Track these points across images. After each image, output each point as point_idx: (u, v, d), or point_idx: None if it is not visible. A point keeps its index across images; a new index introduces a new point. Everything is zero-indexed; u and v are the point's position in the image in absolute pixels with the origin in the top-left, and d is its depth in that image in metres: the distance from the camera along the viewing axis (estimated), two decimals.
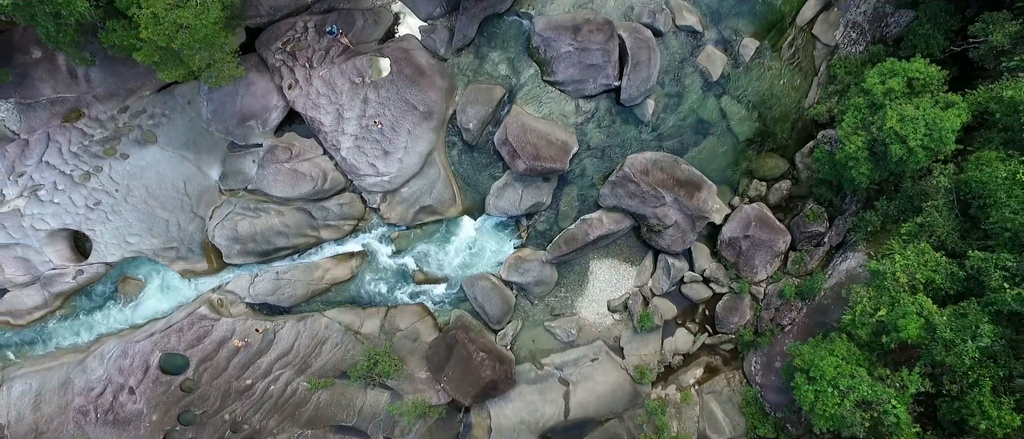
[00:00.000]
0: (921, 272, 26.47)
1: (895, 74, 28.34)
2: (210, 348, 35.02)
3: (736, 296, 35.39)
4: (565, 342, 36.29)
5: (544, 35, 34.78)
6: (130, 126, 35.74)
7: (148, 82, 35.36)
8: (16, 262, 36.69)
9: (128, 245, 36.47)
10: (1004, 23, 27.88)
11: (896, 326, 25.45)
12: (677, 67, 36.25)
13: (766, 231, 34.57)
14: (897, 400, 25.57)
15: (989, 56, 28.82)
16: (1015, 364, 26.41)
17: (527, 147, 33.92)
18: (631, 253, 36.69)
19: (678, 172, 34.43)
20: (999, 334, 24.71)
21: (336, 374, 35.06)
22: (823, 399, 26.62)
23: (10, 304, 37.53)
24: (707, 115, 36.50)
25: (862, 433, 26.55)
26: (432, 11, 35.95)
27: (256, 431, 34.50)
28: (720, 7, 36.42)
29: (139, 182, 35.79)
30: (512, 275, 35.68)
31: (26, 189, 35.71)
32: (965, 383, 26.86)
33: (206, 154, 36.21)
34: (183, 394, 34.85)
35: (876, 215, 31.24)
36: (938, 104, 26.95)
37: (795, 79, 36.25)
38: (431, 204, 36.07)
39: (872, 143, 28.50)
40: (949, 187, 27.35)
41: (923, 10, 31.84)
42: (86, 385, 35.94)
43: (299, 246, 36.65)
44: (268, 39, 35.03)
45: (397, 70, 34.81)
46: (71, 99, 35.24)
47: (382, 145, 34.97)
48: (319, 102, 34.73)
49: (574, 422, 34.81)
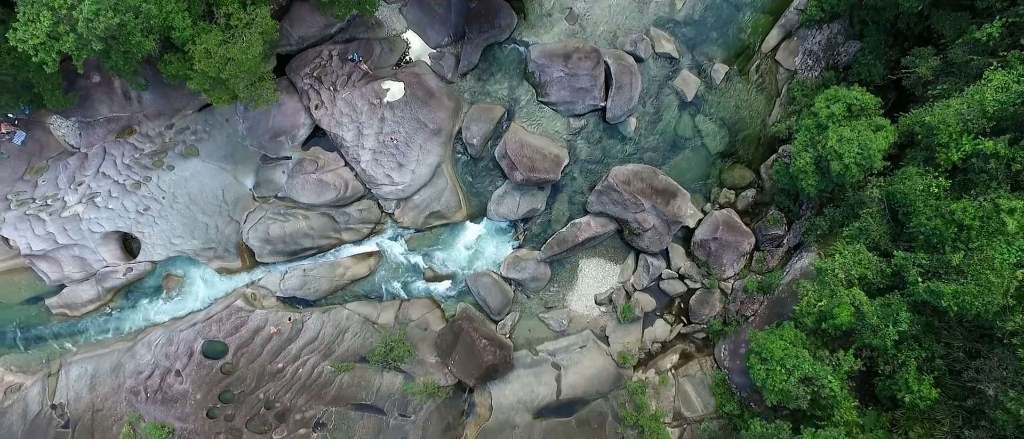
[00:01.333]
0: (856, 269, 31.31)
1: (838, 100, 33.17)
2: (246, 336, 39.97)
3: (707, 291, 40.25)
4: (557, 331, 41.16)
5: (539, 62, 39.71)
6: (175, 141, 40.68)
7: (191, 103, 40.35)
8: (74, 260, 41.61)
9: (172, 245, 41.40)
10: (928, 57, 32.75)
11: (832, 314, 30.28)
12: (656, 89, 41.14)
13: (733, 234, 39.43)
14: (833, 376, 30.44)
15: (918, 85, 33.70)
16: (936, 347, 31.28)
17: (524, 160, 38.81)
18: (615, 253, 41.57)
19: (656, 182, 39.31)
20: (915, 320, 29.47)
21: (356, 359, 39.95)
22: (772, 376, 31.45)
23: (67, 298, 42.46)
24: (683, 131, 41.36)
25: (805, 405, 31.40)
26: (440, 40, 40.87)
27: (287, 408, 39.42)
28: (695, 36, 41.28)
29: (183, 190, 40.72)
30: (511, 272, 40.58)
31: (84, 196, 40.67)
32: (896, 364, 31.77)
33: (242, 165, 41.14)
34: (223, 376, 39.79)
35: (825, 220, 36.08)
36: (871, 127, 31.81)
37: (760, 100, 41.10)
38: (439, 210, 40.98)
39: (818, 159, 33.35)
40: (880, 197, 32.16)
41: (866, 42, 36.76)
42: (136, 369, 40.90)
43: (323, 246, 41.54)
44: (297, 65, 39.98)
45: (410, 92, 39.74)
46: (125, 118, 40.23)
47: (397, 158, 39.89)
48: (342, 120, 39.66)
49: (565, 401, 39.63)
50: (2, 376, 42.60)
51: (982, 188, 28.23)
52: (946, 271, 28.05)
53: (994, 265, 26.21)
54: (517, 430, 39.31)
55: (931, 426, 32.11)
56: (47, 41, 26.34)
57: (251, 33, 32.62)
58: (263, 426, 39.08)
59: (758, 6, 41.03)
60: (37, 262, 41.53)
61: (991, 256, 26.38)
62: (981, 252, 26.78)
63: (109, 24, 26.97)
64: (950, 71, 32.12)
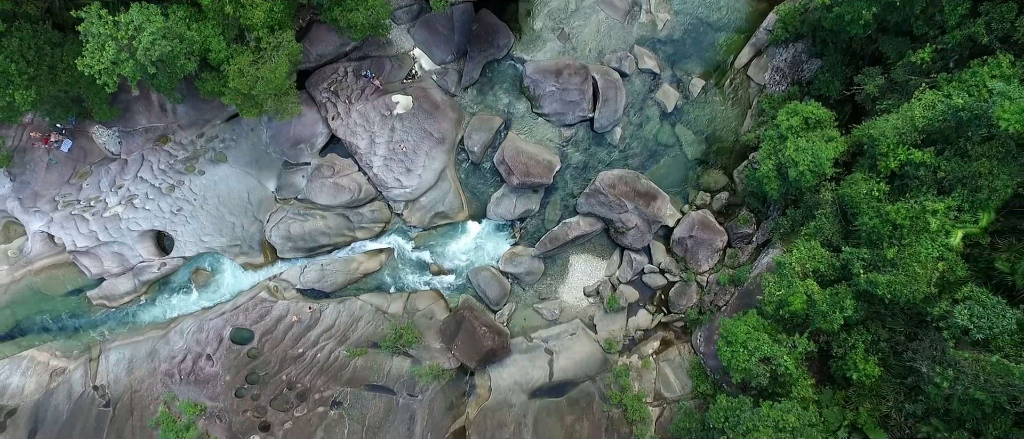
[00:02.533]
0: (810, 263, 35.61)
1: (796, 113, 37.55)
2: (270, 324, 44.38)
3: (685, 284, 44.60)
4: (550, 320, 45.53)
5: (533, 77, 44.11)
6: (206, 148, 45.12)
7: (220, 114, 44.78)
8: (113, 256, 46.05)
9: (202, 243, 45.84)
10: (875, 76, 37.12)
11: (788, 302, 34.60)
12: (640, 101, 45.52)
13: (708, 232, 43.79)
14: (788, 356, 34.79)
15: (867, 100, 38.06)
16: (881, 332, 35.61)
17: (520, 165, 43.21)
18: (602, 249, 45.95)
19: (639, 185, 43.69)
20: (859, 307, 33.75)
21: (369, 344, 44.32)
22: (736, 357, 35.76)
23: (106, 290, 46.91)
24: (663, 139, 45.74)
25: (765, 382, 35.71)
26: (444, 57, 45.26)
27: (307, 389, 43.81)
28: (674, 53, 45.66)
29: (213, 193, 45.14)
30: (508, 267, 44.96)
31: (124, 198, 45.12)
32: (846, 347, 36.10)
33: (265, 170, 45.57)
34: (249, 360, 44.19)
35: (787, 220, 40.40)
36: (824, 138, 36.17)
37: (733, 111, 45.47)
38: (444, 210, 45.37)
39: (779, 165, 37.73)
40: (832, 200, 36.44)
41: (826, 61, 41.14)
42: (170, 354, 45.31)
43: (338, 243, 45.94)
44: (316, 80, 44.40)
45: (417, 105, 44.14)
46: (161, 127, 44.68)
47: (405, 164, 44.29)
48: (356, 130, 44.07)
49: (557, 383, 43.94)
50: (48, 361, 47.02)
51: (914, 192, 32.51)
52: (883, 264, 32.36)
53: (920, 258, 30.53)
54: (514, 409, 43.65)
55: (878, 401, 36.47)
56: (111, 67, 30.75)
57: (279, 55, 37.02)
58: (286, 404, 43.47)
59: (731, 26, 45.40)
60: (80, 258, 45.97)
61: (918, 250, 30.70)
62: (910, 247, 31.10)
63: (162, 51, 31.43)
64: (894, 89, 36.47)
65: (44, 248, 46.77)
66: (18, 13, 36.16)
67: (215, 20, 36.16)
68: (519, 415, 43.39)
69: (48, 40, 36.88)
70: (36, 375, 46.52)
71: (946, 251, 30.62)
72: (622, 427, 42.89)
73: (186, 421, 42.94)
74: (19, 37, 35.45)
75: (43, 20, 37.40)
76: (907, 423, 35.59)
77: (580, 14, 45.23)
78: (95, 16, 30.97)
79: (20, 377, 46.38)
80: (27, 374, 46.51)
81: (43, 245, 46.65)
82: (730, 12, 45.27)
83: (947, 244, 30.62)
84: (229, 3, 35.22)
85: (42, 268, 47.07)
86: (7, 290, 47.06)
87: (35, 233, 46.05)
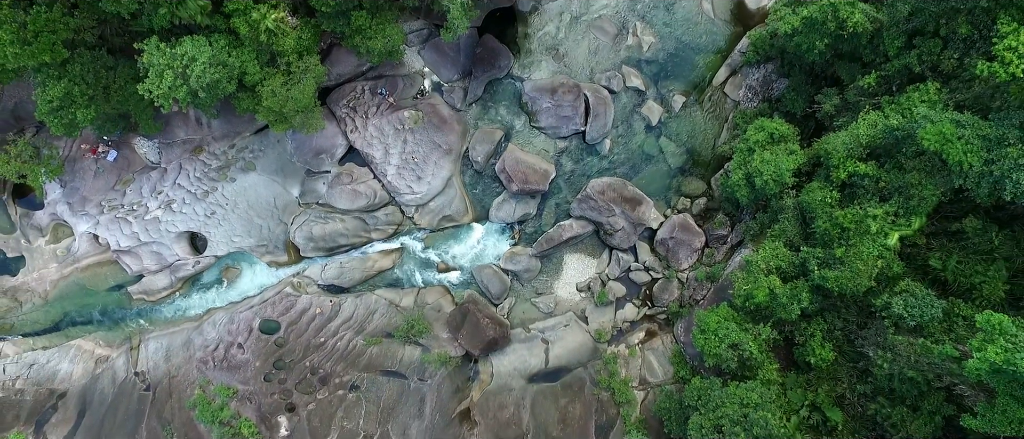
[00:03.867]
0: (774, 261, 40.50)
1: (763, 129, 42.51)
2: (295, 316, 49.40)
3: (667, 280, 49.54)
4: (546, 313, 50.51)
5: (531, 94, 49.14)
6: (236, 158, 50.17)
7: (250, 127, 49.84)
8: (152, 255, 51.12)
9: (233, 243, 50.89)
10: (832, 97, 42.06)
11: (753, 295, 39.54)
12: (627, 116, 50.50)
13: (688, 234, 48.75)
14: (752, 342, 39.71)
15: (826, 117, 43.01)
16: (836, 321, 40.52)
17: (519, 174, 48.21)
18: (593, 249, 50.94)
19: (626, 192, 48.67)
20: (815, 299, 38.64)
21: (383, 334, 49.31)
22: (709, 343, 40.65)
23: (145, 286, 51.99)
24: (648, 150, 50.70)
25: (734, 365, 40.59)
26: (451, 76, 50.29)
27: (328, 374, 48.81)
28: (658, 72, 50.63)
29: (243, 198, 50.19)
30: (508, 265, 49.96)
31: (163, 203, 50.18)
32: (807, 335, 41.01)
33: (290, 178, 50.60)
34: (276, 348, 49.21)
35: (756, 223, 45.30)
36: (786, 151, 41.12)
37: (711, 125, 50.41)
38: (450, 214, 50.38)
39: (748, 175, 42.67)
40: (793, 206, 41.36)
41: (792, 81, 46.06)
42: (204, 343, 50.35)
43: (356, 244, 50.94)
44: (336, 97, 49.46)
45: (426, 119, 49.17)
46: (196, 139, 49.74)
47: (416, 172, 49.31)
48: (372, 142, 49.10)
49: (552, 369, 48.84)
50: (93, 349, 52.12)
51: (859, 199, 37.43)
52: (833, 262, 37.22)
53: (862, 257, 35.40)
54: (513, 392, 48.60)
55: (834, 383, 41.36)
56: (168, 92, 35.80)
57: (307, 77, 42.14)
58: (309, 388, 48.50)
59: (710, 48, 50.36)
60: (122, 256, 51.06)
61: (861, 250, 35.57)
62: (855, 247, 36.01)
63: (211, 78, 36.50)
64: (847, 108, 41.39)
65: (89, 248, 51.84)
66: (77, 41, 41.27)
67: (251, 47, 41.23)
68: (518, 398, 48.31)
69: (103, 64, 42.04)
70: (82, 362, 51.60)
71: (884, 250, 35.51)
72: (610, 409, 47.82)
73: (220, 402, 47.95)
74: (81, 63, 40.62)
75: (98, 46, 42.55)
76: (859, 402, 40.49)
77: (573, 37, 50.27)
78: (154, 48, 36.10)
79: (68, 364, 51.47)
80: (74, 361, 51.59)
81: (89, 245, 51.73)
82: (708, 35, 50.22)
83: (885, 244, 35.53)
84: (264, 32, 40.24)
85: (87, 265, 52.17)
86: (56, 285, 52.19)
87: (82, 234, 51.13)
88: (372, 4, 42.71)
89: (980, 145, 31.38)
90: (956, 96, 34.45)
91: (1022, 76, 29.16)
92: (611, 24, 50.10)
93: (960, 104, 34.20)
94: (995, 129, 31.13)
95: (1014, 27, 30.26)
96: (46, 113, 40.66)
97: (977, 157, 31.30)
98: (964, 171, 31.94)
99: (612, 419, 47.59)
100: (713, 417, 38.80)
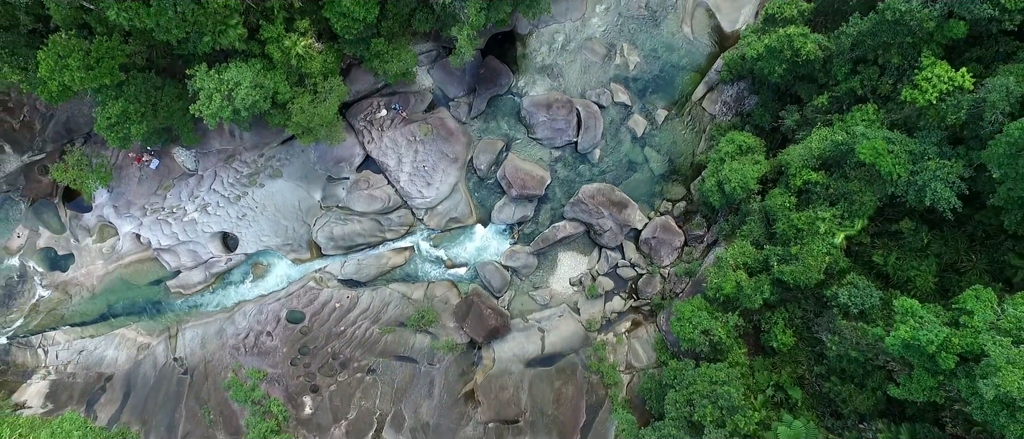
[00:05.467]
0: (741, 258, 46.19)
1: (733, 141, 48.21)
2: (318, 307, 55.22)
3: (651, 275, 55.25)
4: (542, 305, 56.24)
5: (529, 109, 54.92)
6: (265, 166, 56.01)
7: (277, 138, 55.68)
8: (188, 253, 56.97)
9: (262, 242, 56.73)
10: (794, 113, 47.77)
11: (722, 287, 45.22)
12: (615, 128, 56.24)
13: (669, 234, 54.46)
14: (721, 328, 45.38)
15: (789, 131, 48.73)
16: (796, 311, 46.19)
17: (518, 180, 53.96)
18: (584, 247, 56.67)
19: (613, 196, 54.40)
20: (776, 290, 44.31)
21: (397, 323, 55.11)
22: (684, 330, 46.28)
23: (182, 281, 57.83)
24: (634, 158, 56.43)
25: (706, 349, 46.26)
26: (457, 93, 56.09)
27: (348, 358, 54.62)
28: (643, 88, 56.34)
29: (271, 202, 56.02)
30: (508, 261, 55.71)
31: (199, 206, 56.04)
32: (771, 323, 46.68)
33: (313, 183, 56.43)
34: (301, 335, 55.04)
35: (728, 224, 50.96)
36: (752, 161, 46.81)
37: (691, 136, 56.12)
38: (456, 216, 56.16)
39: (719, 182, 48.37)
40: (759, 209, 47.04)
41: (760, 97, 51.72)
42: (235, 332, 56.19)
43: (372, 242, 56.73)
44: (354, 112, 55.31)
45: (435, 131, 54.98)
46: (230, 149, 55.61)
47: (426, 179, 55.12)
48: (386, 151, 54.91)
49: (548, 355, 54.51)
50: (135, 338, 58.00)
51: (813, 204, 43.13)
52: (790, 258, 42.94)
53: (813, 253, 41.09)
54: (513, 375, 54.35)
55: (795, 365, 46.96)
56: (216, 111, 41.66)
57: (331, 96, 48.00)
58: (331, 371, 54.32)
59: (690, 67, 56.03)
60: (162, 254, 56.95)
61: (812, 248, 41.29)
62: (807, 245, 41.70)
63: (252, 99, 42.35)
64: (806, 123, 47.05)
65: (132, 246, 57.75)
66: (130, 65, 47.16)
67: (282, 70, 47.06)
68: (517, 380, 54.05)
69: (152, 85, 47.97)
70: (126, 349, 57.49)
71: (832, 248, 41.20)
72: (599, 390, 53.55)
73: (251, 384, 53.79)
74: (134, 84, 46.55)
75: (147, 68, 48.46)
76: (816, 381, 46.09)
77: (566, 57, 56.05)
78: (203, 74, 41.98)
79: (114, 351, 57.37)
80: (119, 348, 57.49)
81: (131, 244, 57.64)
82: (689, 56, 55.93)
83: (833, 243, 41.22)
84: (294, 57, 46.09)
85: (130, 262, 58.09)
86: (102, 280, 58.11)
87: (126, 234, 57.05)
88: (389, 31, 48.59)
89: (907, 159, 37.17)
90: (891, 116, 40.19)
91: (936, 102, 34.89)
92: (600, 45, 55.88)
93: (894, 123, 39.95)
94: (918, 145, 36.93)
95: (932, 60, 36.04)
96: (105, 128, 46.57)
97: (904, 169, 37.08)
98: (894, 180, 37.72)
99: (601, 399, 53.31)
100: (686, 393, 44.48)
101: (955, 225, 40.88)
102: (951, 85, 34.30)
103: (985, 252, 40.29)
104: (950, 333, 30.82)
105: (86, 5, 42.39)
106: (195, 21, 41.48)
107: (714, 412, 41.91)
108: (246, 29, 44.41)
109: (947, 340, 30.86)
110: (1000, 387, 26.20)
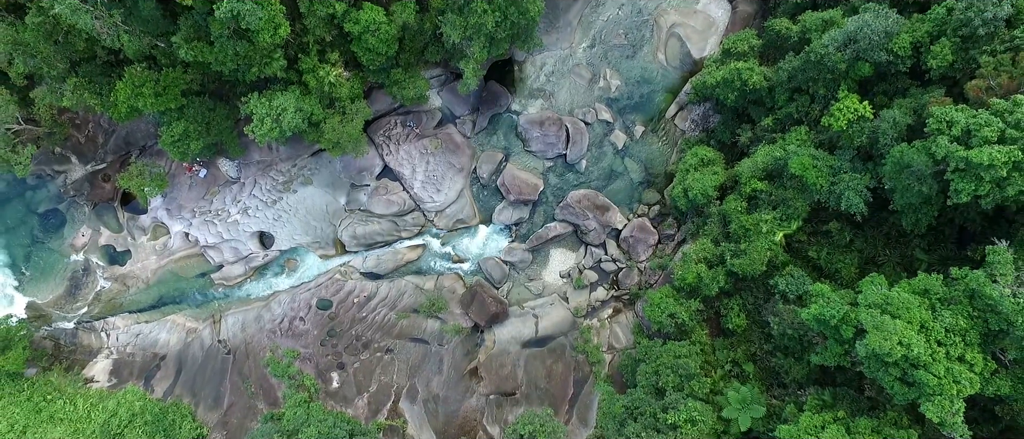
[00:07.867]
0: (703, 253, 54.95)
1: (697, 155, 57.06)
2: (343, 296, 64.15)
3: (630, 269, 64.01)
4: (536, 294, 65.02)
5: (524, 126, 63.81)
6: (297, 174, 64.96)
7: (308, 151, 64.60)
8: (231, 249, 65.92)
9: (294, 240, 65.66)
10: (747, 131, 56.57)
11: (685, 278, 53.98)
12: (599, 142, 65.06)
13: (645, 233, 63.25)
14: (685, 312, 54.11)
15: (744, 146, 57.52)
16: (749, 298, 54.97)
17: (515, 186, 62.80)
18: (573, 245, 65.49)
19: (597, 201, 63.23)
20: (729, 281, 53.05)
21: (411, 310, 63.96)
22: (654, 313, 55.01)
23: (224, 273, 66.76)
24: (616, 168, 65.25)
25: (673, 330, 55.01)
26: (463, 112, 65.02)
27: (369, 340, 63.50)
28: (624, 107, 65.15)
29: (302, 205, 64.97)
30: (507, 257, 64.54)
31: (241, 209, 64.97)
32: (728, 309, 55.45)
33: (338, 189, 65.36)
34: (329, 320, 63.96)
35: (694, 225, 59.70)
36: (712, 172, 55.60)
37: (665, 149, 64.95)
38: (462, 218, 65.04)
39: (685, 190, 57.19)
40: (718, 212, 55.77)
41: (722, 117, 60.51)
42: (272, 317, 65.13)
43: (389, 240, 65.59)
44: (374, 128, 64.25)
45: (444, 145, 63.87)
46: (268, 161, 64.57)
47: (436, 186, 64.01)
48: (402, 162, 63.82)
49: (541, 337, 63.20)
50: (184, 323, 66.95)
51: (760, 208, 51.91)
52: (740, 253, 51.74)
53: (758, 249, 49.90)
54: (511, 355, 63.14)
55: (748, 344, 55.74)
56: (267, 133, 50.62)
57: (358, 117, 56.96)
58: (355, 351, 63.25)
59: (664, 89, 64.82)
60: (208, 251, 65.91)
61: (757, 244, 50.07)
62: (753, 242, 50.49)
63: (297, 121, 51.29)
64: (757, 140, 55.91)
65: (181, 244, 66.72)
66: (188, 91, 56.11)
67: (316, 95, 56.01)
68: (514, 359, 62.84)
69: (207, 107, 56.96)
70: (176, 333, 66.43)
71: (773, 244, 50.05)
72: (585, 367, 62.33)
73: (287, 362, 62.69)
74: (193, 107, 55.54)
75: (202, 93, 57.46)
76: (765, 357, 54.78)
77: (557, 81, 64.93)
78: (256, 100, 50.95)
79: (165, 334, 66.32)
80: (170, 332, 66.42)
81: (181, 241, 66.61)
82: (663, 80, 64.73)
83: (773, 240, 50.09)
84: (326, 84, 55.03)
85: (179, 258, 67.05)
86: (155, 273, 67.08)
87: (177, 233, 66.03)
88: (406, 62, 57.58)
89: (827, 172, 46.05)
90: (819, 137, 49.04)
91: (846, 128, 43.72)
92: (586, 70, 64.76)
93: (821, 143, 48.79)
94: (836, 161, 45.78)
95: (845, 93, 44.88)
96: (169, 144, 55.57)
97: (825, 180, 45.95)
98: (819, 189, 46.56)
99: (586, 375, 62.12)
100: (654, 365, 53.27)
101: (875, 226, 49.78)
102: (856, 114, 43.12)
103: (897, 248, 49.17)
104: (848, 310, 39.63)
105: (157, 43, 51.40)
106: (246, 55, 50.49)
107: (675, 379, 50.71)
108: (285, 60, 53.41)
109: (846, 315, 39.66)
110: (868, 346, 34.99)
